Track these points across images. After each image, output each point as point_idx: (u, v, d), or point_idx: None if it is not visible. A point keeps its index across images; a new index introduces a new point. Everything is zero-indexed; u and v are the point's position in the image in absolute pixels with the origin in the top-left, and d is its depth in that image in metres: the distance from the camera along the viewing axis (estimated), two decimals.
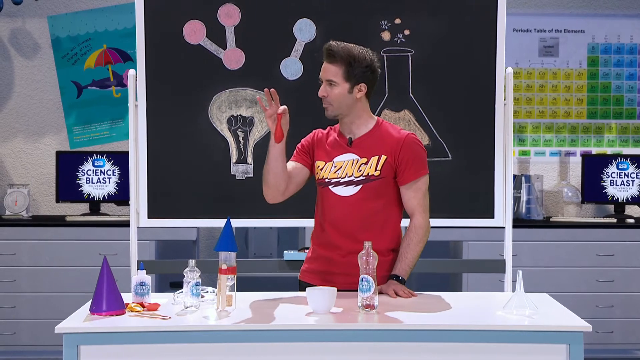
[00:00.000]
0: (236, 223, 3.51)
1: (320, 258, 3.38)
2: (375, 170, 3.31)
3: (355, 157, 3.33)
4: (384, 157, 3.31)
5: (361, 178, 3.32)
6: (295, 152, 3.45)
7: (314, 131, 3.49)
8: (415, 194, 3.35)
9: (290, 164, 3.41)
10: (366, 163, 3.31)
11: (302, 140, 3.47)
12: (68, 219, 5.59)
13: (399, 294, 3.22)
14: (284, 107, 3.25)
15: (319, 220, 3.43)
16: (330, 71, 3.29)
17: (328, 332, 2.80)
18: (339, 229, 3.33)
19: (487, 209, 4.23)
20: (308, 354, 2.79)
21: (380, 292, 3.17)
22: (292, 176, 3.39)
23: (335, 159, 3.35)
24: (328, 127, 3.46)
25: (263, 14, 4.19)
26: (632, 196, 5.87)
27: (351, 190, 3.32)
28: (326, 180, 3.36)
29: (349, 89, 3.28)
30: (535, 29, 6.09)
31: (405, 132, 3.38)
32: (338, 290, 2.98)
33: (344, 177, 3.33)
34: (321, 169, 3.38)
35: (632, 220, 5.70)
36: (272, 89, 3.24)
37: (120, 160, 5.71)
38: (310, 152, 3.43)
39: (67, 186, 5.74)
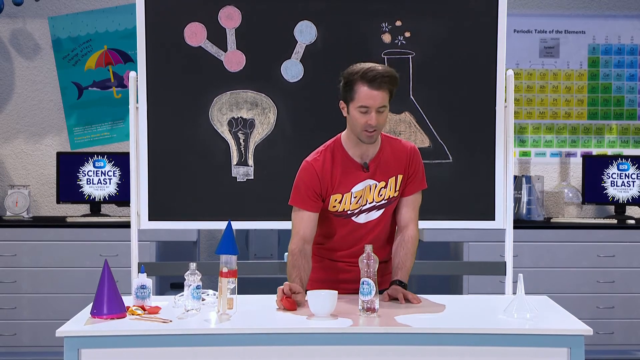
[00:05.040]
0: (237, 225, 3.51)
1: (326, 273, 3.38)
2: (395, 191, 3.28)
3: (372, 182, 3.26)
4: (400, 176, 3.28)
5: (383, 202, 3.28)
6: (305, 197, 3.24)
7: (309, 164, 3.27)
8: (414, 206, 3.33)
9: (309, 217, 3.24)
10: (385, 187, 3.27)
11: (307, 181, 3.24)
12: (69, 219, 5.60)
13: (409, 298, 3.20)
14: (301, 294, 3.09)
15: (327, 244, 3.37)
16: (381, 98, 3.11)
17: (329, 336, 2.81)
18: (355, 253, 3.24)
19: (487, 211, 4.23)
20: (309, 357, 2.80)
21: (389, 298, 3.17)
22: (314, 229, 3.27)
23: (354, 190, 3.25)
24: (321, 152, 3.29)
25: (264, 16, 4.19)
26: (632, 197, 5.87)
27: (374, 215, 3.29)
28: (348, 212, 3.28)
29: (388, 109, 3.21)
30: (535, 30, 6.09)
31: (409, 144, 3.34)
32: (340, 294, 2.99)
33: (365, 205, 3.27)
34: (339, 202, 3.26)
35: (632, 221, 5.70)
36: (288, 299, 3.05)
37: (121, 161, 5.71)
38: (320, 192, 3.24)
39: (67, 187, 5.74)
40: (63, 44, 5.96)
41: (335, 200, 3.26)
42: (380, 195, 3.27)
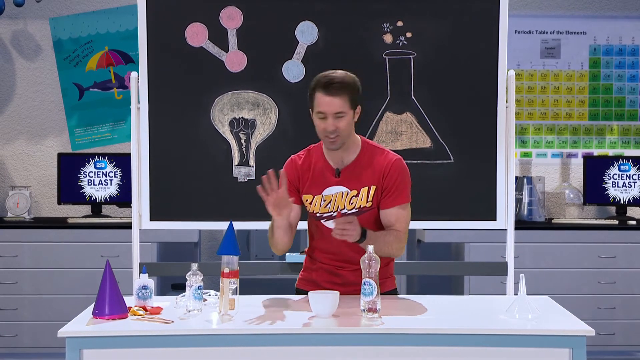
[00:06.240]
0: (238, 225, 3.50)
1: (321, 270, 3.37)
2: (367, 201, 3.24)
3: (344, 189, 3.24)
4: (373, 187, 3.23)
5: (354, 210, 3.24)
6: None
7: (291, 159, 3.35)
8: (396, 218, 3.24)
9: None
10: (357, 195, 3.24)
11: (287, 173, 3.27)
12: (70, 220, 5.60)
13: (345, 227, 3.09)
14: (283, 189, 3.12)
15: (310, 244, 3.39)
16: (336, 104, 3.13)
17: (331, 336, 2.80)
18: (335, 256, 3.27)
19: (489, 211, 4.23)
20: (311, 357, 2.80)
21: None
22: (293, 221, 3.28)
23: (324, 193, 3.25)
24: (305, 151, 3.34)
25: (265, 17, 4.19)
26: (633, 198, 5.87)
27: None
28: (317, 214, 3.28)
29: (352, 115, 3.19)
30: (536, 31, 6.09)
31: (393, 157, 3.28)
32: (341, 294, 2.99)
33: (336, 210, 3.25)
34: (310, 203, 3.28)
35: (633, 222, 5.70)
36: (270, 171, 3.12)
37: (122, 162, 5.72)
38: (298, 186, 3.30)
39: (68, 188, 5.75)
40: (64, 45, 5.96)
41: (306, 200, 3.29)
42: (352, 204, 3.25)
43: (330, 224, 3.25)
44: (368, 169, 3.25)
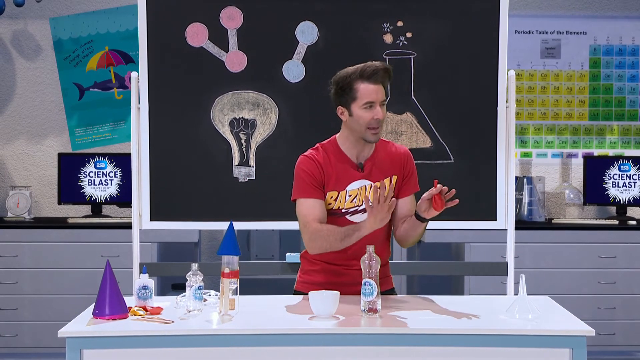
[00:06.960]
0: (238, 225, 3.51)
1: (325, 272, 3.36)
2: (391, 191, 3.25)
3: (368, 182, 3.27)
4: (395, 178, 3.31)
5: None
6: (310, 185, 3.25)
7: (308, 157, 3.30)
8: (412, 205, 3.32)
9: (320, 203, 3.25)
10: (381, 187, 3.26)
11: (308, 171, 3.26)
12: (70, 220, 5.60)
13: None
14: (394, 199, 3.11)
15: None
16: (382, 92, 3.20)
17: (331, 336, 2.80)
18: (352, 253, 3.25)
19: (489, 211, 4.23)
20: (311, 357, 2.80)
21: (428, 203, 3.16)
22: (325, 215, 3.27)
23: (348, 188, 3.26)
24: (317, 149, 3.32)
25: (265, 17, 4.19)
26: (634, 198, 5.87)
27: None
28: (343, 210, 3.27)
29: None
30: (537, 31, 6.09)
31: (403, 146, 3.40)
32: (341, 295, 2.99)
33: (362, 205, 3.27)
34: (335, 199, 3.27)
35: (634, 222, 5.70)
36: (384, 181, 3.18)
37: (122, 162, 5.72)
38: (324, 183, 3.27)
39: (69, 188, 5.75)
40: (64, 45, 5.96)
41: (331, 197, 3.27)
42: None
43: (356, 218, 3.26)
44: (387, 159, 3.32)
